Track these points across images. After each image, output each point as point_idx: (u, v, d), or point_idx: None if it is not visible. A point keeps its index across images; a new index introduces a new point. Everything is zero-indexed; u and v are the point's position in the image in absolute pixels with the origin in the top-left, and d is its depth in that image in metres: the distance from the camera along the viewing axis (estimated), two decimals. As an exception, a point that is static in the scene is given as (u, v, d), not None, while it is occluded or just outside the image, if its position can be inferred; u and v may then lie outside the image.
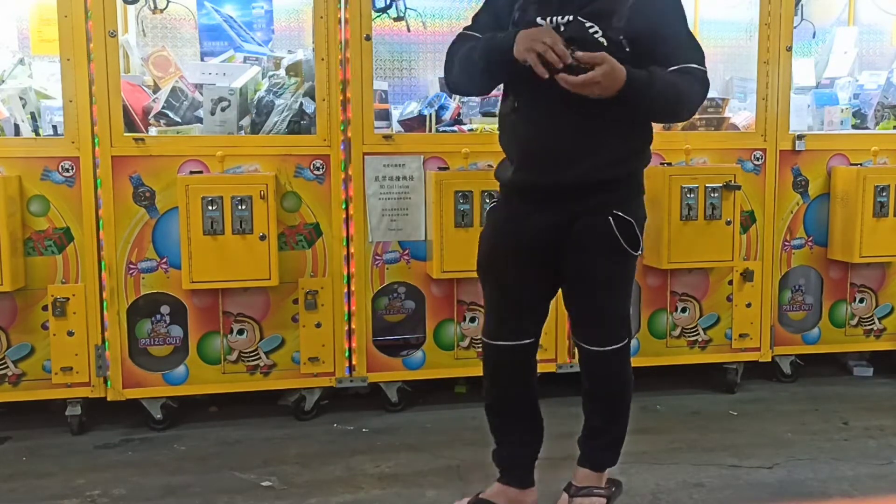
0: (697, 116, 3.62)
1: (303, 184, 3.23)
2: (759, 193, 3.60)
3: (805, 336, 3.77)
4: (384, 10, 3.69)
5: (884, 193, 3.55)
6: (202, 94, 3.30)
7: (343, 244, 3.27)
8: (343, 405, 3.46)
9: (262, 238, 3.08)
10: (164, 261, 3.16)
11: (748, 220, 3.60)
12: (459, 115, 3.63)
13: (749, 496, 2.67)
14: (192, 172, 3.12)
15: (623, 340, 2.39)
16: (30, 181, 3.05)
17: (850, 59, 4.24)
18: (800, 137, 3.62)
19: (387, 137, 3.31)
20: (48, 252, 3.09)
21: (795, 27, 3.65)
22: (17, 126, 3.21)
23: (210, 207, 3.05)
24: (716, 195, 3.39)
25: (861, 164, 3.64)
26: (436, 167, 3.31)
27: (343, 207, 3.26)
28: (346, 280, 3.29)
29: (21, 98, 3.27)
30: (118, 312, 3.15)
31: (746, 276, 3.60)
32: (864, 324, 3.80)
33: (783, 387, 3.73)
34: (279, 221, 3.17)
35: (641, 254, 2.36)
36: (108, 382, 3.16)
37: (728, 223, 3.41)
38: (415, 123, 3.58)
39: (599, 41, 2.15)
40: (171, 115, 3.29)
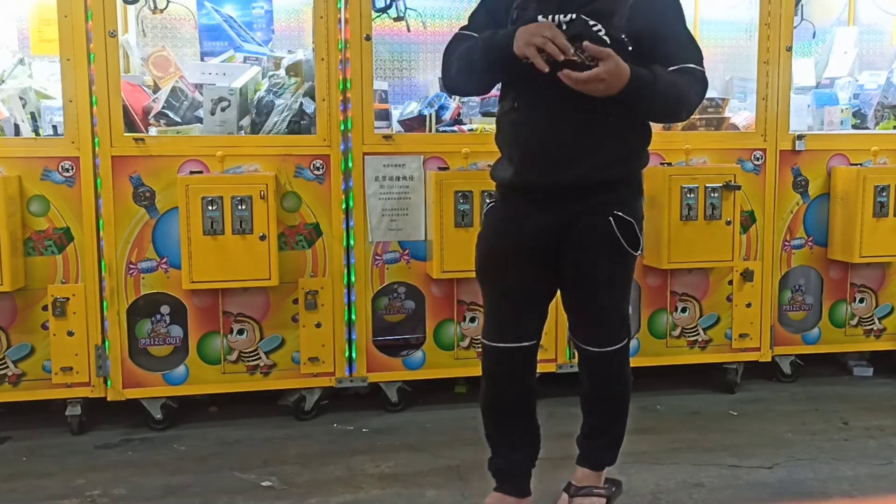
0: (697, 116, 3.63)
1: (303, 184, 3.23)
2: (759, 193, 3.60)
3: (805, 336, 3.77)
4: (384, 10, 3.69)
5: (884, 193, 3.55)
6: (202, 94, 3.30)
7: (343, 244, 3.28)
8: (343, 405, 3.46)
9: (262, 238, 3.09)
10: (164, 261, 3.16)
11: (748, 220, 3.60)
12: (459, 115, 3.64)
13: (749, 496, 2.67)
14: (192, 172, 3.12)
15: (623, 341, 2.38)
16: (30, 181, 3.05)
17: (850, 59, 4.23)
18: (800, 137, 3.62)
19: (387, 137, 3.32)
20: (48, 252, 3.10)
21: (795, 27, 3.65)
22: (17, 126, 3.21)
23: (210, 207, 3.05)
24: (716, 195, 3.39)
25: (861, 164, 3.64)
26: (436, 167, 3.31)
27: (343, 208, 3.26)
28: (346, 280, 3.30)
29: (21, 98, 3.27)
30: (118, 312, 3.15)
31: (746, 276, 3.60)
32: (864, 324, 3.80)
33: (783, 387, 3.73)
34: (279, 221, 3.17)
35: (641, 254, 2.36)
36: (108, 382, 3.16)
37: (728, 223, 3.41)
38: (415, 123, 3.58)
39: (603, 39, 2.12)
40: (171, 115, 3.30)
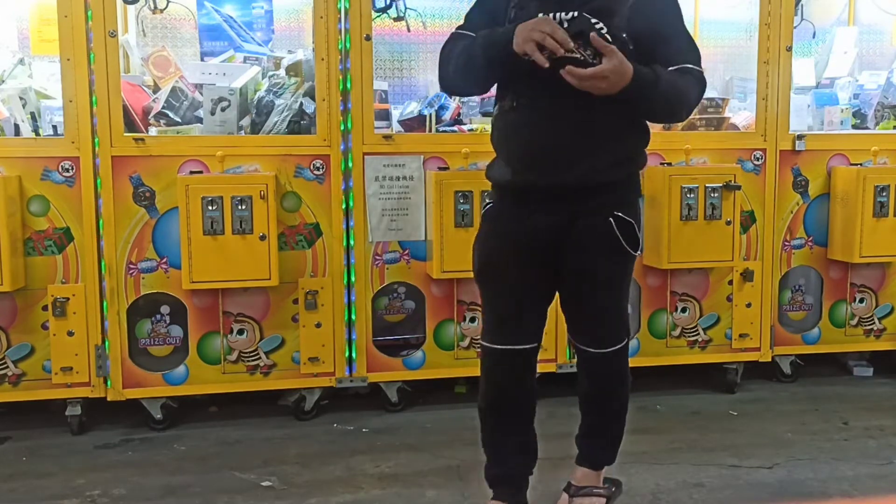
0: (697, 116, 3.63)
1: (303, 184, 3.23)
2: (759, 193, 3.60)
3: (805, 336, 3.77)
4: (384, 10, 3.69)
5: (884, 193, 3.55)
6: (202, 94, 3.30)
7: (343, 244, 3.28)
8: (343, 405, 3.46)
9: (262, 238, 3.08)
10: (164, 261, 3.16)
11: (748, 220, 3.60)
12: (459, 115, 3.64)
13: (749, 496, 2.67)
14: (192, 172, 3.12)
15: (623, 341, 2.38)
16: (30, 181, 3.05)
17: (850, 59, 4.23)
18: (800, 137, 3.62)
19: (387, 137, 3.32)
20: (48, 252, 3.10)
21: (795, 27, 3.65)
22: (17, 126, 3.21)
23: (210, 207, 3.05)
24: (716, 195, 3.39)
25: (861, 164, 3.64)
26: (436, 167, 3.31)
27: (343, 208, 3.26)
28: (346, 280, 3.30)
29: (21, 98, 3.27)
30: (118, 312, 3.15)
31: (746, 276, 3.60)
32: (864, 324, 3.80)
33: (783, 387, 3.73)
34: (279, 221, 3.17)
35: (641, 254, 2.36)
36: (108, 382, 3.16)
37: (728, 223, 3.41)
38: (415, 123, 3.58)
39: (605, 37, 2.09)
40: (171, 115, 3.30)
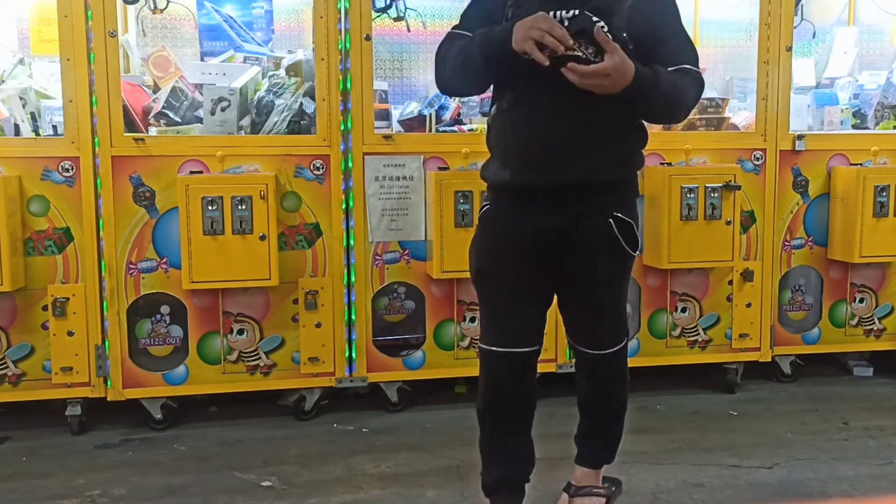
0: (697, 116, 3.63)
1: (303, 184, 3.23)
2: (759, 193, 3.60)
3: (805, 336, 3.77)
4: (384, 10, 3.69)
5: (884, 193, 3.55)
6: (202, 94, 3.30)
7: (343, 244, 3.28)
8: (343, 405, 3.46)
9: (262, 238, 3.09)
10: (164, 261, 3.16)
11: (748, 220, 3.60)
12: (459, 115, 3.64)
13: (749, 496, 2.67)
14: (192, 172, 3.12)
15: (622, 342, 2.38)
16: (30, 181, 3.05)
17: (850, 59, 4.23)
18: (800, 137, 3.62)
19: (387, 137, 3.32)
20: (48, 252, 3.10)
21: (795, 27, 3.65)
22: (17, 126, 3.21)
23: (210, 207, 3.05)
24: (716, 195, 3.39)
25: (861, 164, 3.64)
26: (436, 167, 3.31)
27: (343, 208, 3.26)
28: (346, 280, 3.30)
29: (21, 98, 3.27)
30: (118, 312, 3.15)
31: (746, 276, 3.60)
32: (864, 324, 3.80)
33: (783, 387, 3.73)
34: (279, 221, 3.17)
35: (640, 254, 2.36)
36: (108, 382, 3.16)
37: (728, 223, 3.41)
38: (415, 123, 3.58)
39: (606, 35, 2.06)
40: (171, 115, 3.30)
